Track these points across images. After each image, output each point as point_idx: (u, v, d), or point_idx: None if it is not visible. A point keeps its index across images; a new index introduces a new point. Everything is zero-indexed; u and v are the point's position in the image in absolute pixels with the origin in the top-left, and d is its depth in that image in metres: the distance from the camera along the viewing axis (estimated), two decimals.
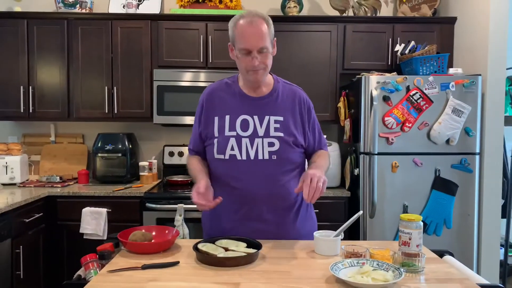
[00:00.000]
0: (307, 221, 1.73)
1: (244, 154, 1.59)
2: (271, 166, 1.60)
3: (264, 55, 1.54)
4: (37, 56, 3.22)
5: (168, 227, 1.65)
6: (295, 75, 3.23)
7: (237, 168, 1.60)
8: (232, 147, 1.60)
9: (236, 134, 1.60)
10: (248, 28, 1.51)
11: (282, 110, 1.64)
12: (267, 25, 1.54)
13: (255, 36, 1.51)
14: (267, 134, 1.60)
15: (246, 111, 1.63)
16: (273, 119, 1.62)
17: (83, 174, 3.27)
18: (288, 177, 1.64)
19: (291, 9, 3.34)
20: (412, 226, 1.40)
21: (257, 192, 1.59)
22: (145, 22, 3.22)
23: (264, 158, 1.59)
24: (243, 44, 1.52)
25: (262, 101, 1.65)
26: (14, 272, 2.52)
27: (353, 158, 2.98)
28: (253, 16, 1.53)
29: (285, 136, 1.61)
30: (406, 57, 3.09)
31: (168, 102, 3.15)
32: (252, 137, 1.60)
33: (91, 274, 1.34)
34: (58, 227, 2.95)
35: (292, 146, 1.63)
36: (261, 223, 1.61)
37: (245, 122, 1.61)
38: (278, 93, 1.67)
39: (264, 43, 1.52)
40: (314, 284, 1.21)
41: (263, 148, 1.59)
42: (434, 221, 2.79)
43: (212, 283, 1.21)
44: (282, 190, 1.63)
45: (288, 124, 1.63)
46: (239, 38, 1.53)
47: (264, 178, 1.59)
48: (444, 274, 1.31)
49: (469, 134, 2.80)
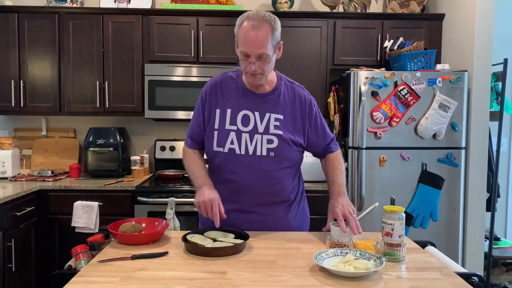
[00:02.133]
0: (299, 214, 1.78)
1: (243, 149, 1.62)
2: (269, 163, 1.63)
3: (263, 61, 1.54)
4: (28, 50, 3.22)
5: (158, 219, 1.68)
6: (286, 70, 3.21)
7: (235, 162, 1.63)
8: (232, 141, 1.63)
9: (237, 128, 1.63)
10: (251, 32, 1.50)
11: (283, 108, 1.66)
12: (271, 31, 1.52)
13: (255, 42, 1.50)
14: (267, 131, 1.63)
15: (248, 106, 1.65)
16: (274, 116, 1.64)
17: (74, 168, 3.29)
18: (284, 174, 1.68)
19: (282, 5, 3.36)
20: (395, 217, 1.44)
21: (253, 186, 1.63)
22: (136, 16, 3.23)
23: (262, 154, 1.62)
24: (243, 47, 1.53)
25: (264, 98, 1.66)
26: (6, 265, 2.54)
27: (342, 152, 3.02)
28: (258, 19, 1.51)
29: (284, 135, 1.64)
30: (395, 53, 3.13)
31: (159, 96, 3.17)
32: (252, 133, 1.63)
33: (81, 264, 1.37)
34: (50, 220, 2.97)
35: (290, 144, 1.65)
36: (254, 215, 1.66)
37: (246, 117, 1.64)
38: (280, 91, 1.68)
39: (264, 50, 1.51)
40: (298, 272, 1.25)
41: (262, 144, 1.62)
42: (420, 214, 2.85)
43: (199, 272, 1.24)
44: (277, 186, 1.67)
45: (288, 123, 1.66)
46: (241, 40, 1.53)
47: (261, 174, 1.63)
48: (424, 263, 1.36)
49: (455, 129, 2.85)
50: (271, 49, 1.55)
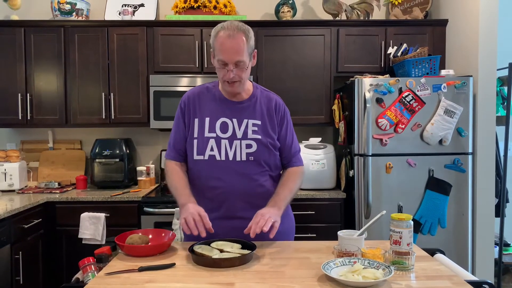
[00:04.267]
0: (285, 219, 1.75)
1: (223, 155, 1.66)
2: (249, 167, 1.67)
3: (240, 69, 1.60)
4: (34, 63, 3.25)
5: (164, 230, 1.68)
6: (290, 79, 3.28)
7: (216, 168, 1.66)
8: (212, 148, 1.67)
9: (216, 135, 1.67)
10: (227, 41, 1.56)
11: (259, 114, 1.71)
12: (246, 39, 1.59)
13: (232, 50, 1.56)
14: (245, 136, 1.67)
15: (226, 114, 1.70)
16: (252, 122, 1.69)
17: (81, 180, 3.30)
18: (266, 177, 1.72)
19: (284, 14, 3.38)
20: (403, 225, 1.43)
21: (235, 191, 1.66)
22: (140, 28, 3.26)
23: (242, 159, 1.66)
24: (221, 56, 1.58)
25: (241, 105, 1.71)
26: (13, 278, 2.55)
27: (348, 160, 3.02)
28: (233, 29, 1.58)
29: (263, 139, 1.68)
30: (399, 60, 3.13)
31: (164, 107, 3.18)
32: (231, 139, 1.67)
33: (89, 277, 1.37)
34: (57, 232, 2.97)
35: (269, 148, 1.70)
36: (240, 220, 1.64)
37: (225, 124, 1.68)
38: (256, 98, 1.74)
39: (241, 57, 1.58)
40: (306, 283, 1.24)
41: (241, 149, 1.66)
42: (428, 220, 2.83)
43: (207, 284, 1.24)
44: (259, 189, 1.70)
45: (266, 127, 1.70)
46: (218, 49, 1.59)
47: (242, 178, 1.66)
48: (434, 272, 1.34)
49: (462, 134, 2.84)
50: (247, 57, 1.61)
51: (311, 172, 3.06)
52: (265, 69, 3.26)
